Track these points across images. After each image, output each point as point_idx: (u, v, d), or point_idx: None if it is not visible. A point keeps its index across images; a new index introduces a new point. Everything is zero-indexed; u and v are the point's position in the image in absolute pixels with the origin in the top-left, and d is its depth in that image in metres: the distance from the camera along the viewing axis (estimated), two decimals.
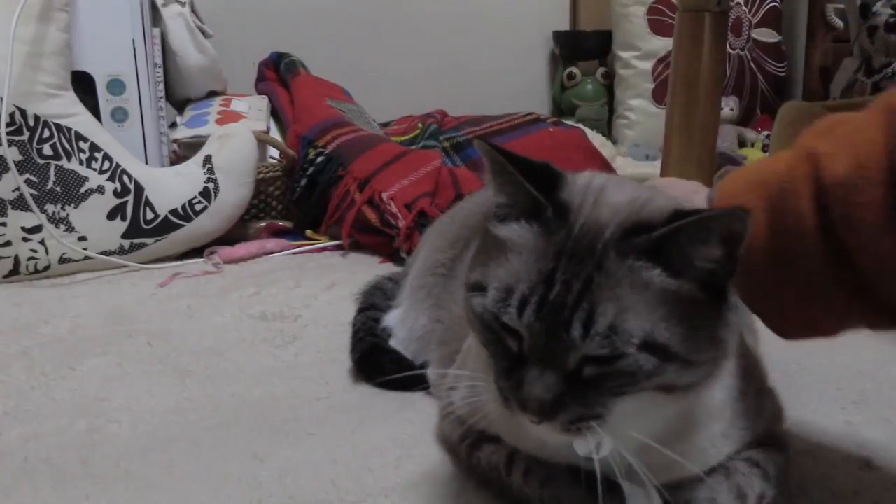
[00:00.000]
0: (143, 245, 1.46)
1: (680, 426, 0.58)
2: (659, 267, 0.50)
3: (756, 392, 0.65)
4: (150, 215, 1.46)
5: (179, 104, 1.81)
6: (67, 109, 1.42)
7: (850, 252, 0.53)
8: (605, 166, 1.82)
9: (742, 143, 2.27)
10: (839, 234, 0.53)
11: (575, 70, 2.51)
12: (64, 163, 1.40)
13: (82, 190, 1.42)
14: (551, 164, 0.57)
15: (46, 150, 1.39)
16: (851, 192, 0.52)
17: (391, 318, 0.98)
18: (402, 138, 1.87)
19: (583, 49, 2.53)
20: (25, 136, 1.37)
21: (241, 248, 1.50)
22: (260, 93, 1.95)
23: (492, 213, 0.58)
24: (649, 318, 0.50)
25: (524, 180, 0.54)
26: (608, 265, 0.50)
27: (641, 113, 2.36)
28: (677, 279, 0.51)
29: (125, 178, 1.45)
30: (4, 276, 1.38)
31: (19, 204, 1.37)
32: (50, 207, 1.39)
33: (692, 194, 0.67)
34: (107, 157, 1.44)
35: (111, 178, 1.44)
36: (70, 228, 1.41)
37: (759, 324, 0.66)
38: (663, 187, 0.65)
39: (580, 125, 2.16)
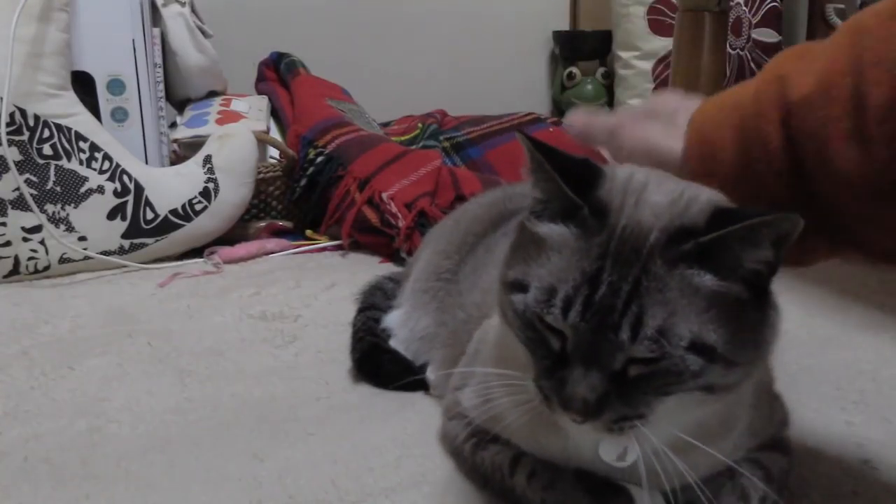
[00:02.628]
0: (143, 245, 1.46)
1: (713, 429, 0.58)
2: (708, 272, 0.50)
3: (768, 399, 0.65)
4: (150, 215, 1.46)
5: (179, 104, 1.81)
6: (67, 109, 1.42)
7: (809, 170, 0.54)
8: None
9: None
10: (799, 151, 0.54)
11: (575, 70, 2.51)
12: (64, 163, 1.40)
13: (82, 190, 1.42)
14: (591, 159, 0.56)
15: (46, 150, 1.39)
16: (811, 110, 0.53)
17: (392, 319, 0.98)
18: (402, 138, 1.87)
19: (583, 49, 2.52)
20: (25, 136, 1.37)
21: (241, 248, 1.50)
22: (260, 93, 1.95)
23: (520, 205, 0.57)
24: (697, 321, 0.49)
25: (561, 182, 0.53)
26: (656, 270, 0.50)
27: None
28: (726, 281, 0.50)
29: (125, 178, 1.45)
30: (4, 276, 1.38)
31: (19, 204, 1.37)
32: (50, 207, 1.39)
33: (674, 114, 0.64)
34: (107, 157, 1.44)
35: (111, 178, 1.44)
36: (70, 228, 1.41)
37: None
38: (652, 106, 0.66)
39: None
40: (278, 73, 1.98)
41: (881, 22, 0.51)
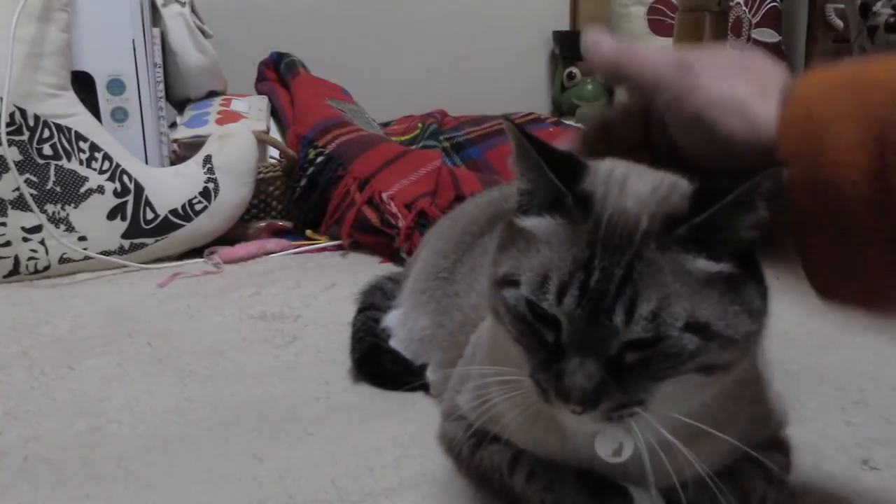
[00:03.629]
0: (143, 245, 1.46)
1: (717, 418, 0.57)
2: (700, 254, 0.50)
3: (766, 397, 0.65)
4: (150, 215, 1.46)
5: (179, 104, 1.81)
6: (67, 109, 1.42)
7: None
8: None
9: None
10: None
11: (575, 70, 2.51)
12: (64, 163, 1.40)
13: (82, 190, 1.42)
14: (576, 154, 0.56)
15: (46, 150, 1.39)
16: None
17: (391, 319, 0.98)
18: (402, 138, 1.87)
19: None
20: (25, 136, 1.37)
21: (241, 248, 1.50)
22: (260, 93, 1.95)
23: (513, 205, 0.57)
24: (691, 300, 0.49)
25: (546, 167, 0.53)
26: (648, 255, 0.50)
27: None
28: (718, 262, 0.50)
29: (125, 178, 1.45)
30: (4, 276, 1.38)
31: (19, 204, 1.37)
32: (50, 207, 1.39)
33: (765, 74, 0.50)
34: (107, 157, 1.44)
35: (111, 178, 1.44)
36: (70, 228, 1.41)
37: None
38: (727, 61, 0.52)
39: (580, 125, 2.16)
40: (278, 73, 1.98)
41: None
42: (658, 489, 0.59)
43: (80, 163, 1.42)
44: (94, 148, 1.43)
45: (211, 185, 1.50)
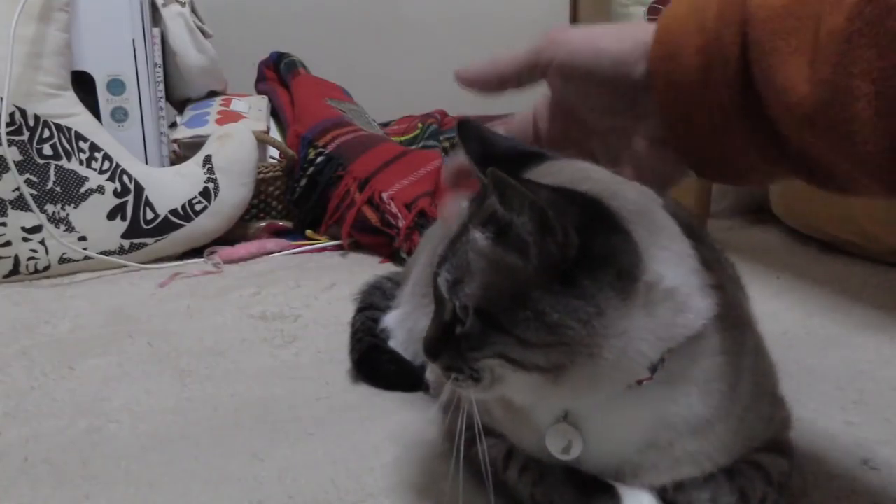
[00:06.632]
0: (143, 245, 1.46)
1: (664, 435, 0.57)
2: (489, 234, 0.53)
3: (770, 400, 0.65)
4: (150, 215, 1.46)
5: (179, 104, 1.81)
6: (67, 109, 1.42)
7: (757, 86, 0.50)
8: None
9: None
10: (749, 61, 0.50)
11: None
12: (64, 163, 1.41)
13: (82, 190, 1.42)
14: (543, 151, 0.62)
15: (46, 149, 1.39)
16: (768, 20, 0.49)
17: (390, 319, 0.98)
18: (402, 138, 1.87)
19: None
20: (25, 136, 1.38)
21: (241, 248, 1.50)
22: (260, 93, 1.95)
23: None
24: (480, 283, 0.52)
25: (469, 157, 0.59)
26: (470, 232, 0.54)
27: None
28: (500, 246, 0.52)
29: (125, 178, 1.45)
30: (4, 276, 1.38)
31: (19, 204, 1.37)
32: (50, 207, 1.39)
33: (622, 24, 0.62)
34: (107, 157, 1.44)
35: (111, 178, 1.44)
36: (70, 228, 1.41)
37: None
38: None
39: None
40: (278, 73, 1.98)
41: None
42: (654, 488, 0.59)
43: (80, 163, 1.42)
44: (94, 148, 1.43)
45: (211, 185, 1.50)
